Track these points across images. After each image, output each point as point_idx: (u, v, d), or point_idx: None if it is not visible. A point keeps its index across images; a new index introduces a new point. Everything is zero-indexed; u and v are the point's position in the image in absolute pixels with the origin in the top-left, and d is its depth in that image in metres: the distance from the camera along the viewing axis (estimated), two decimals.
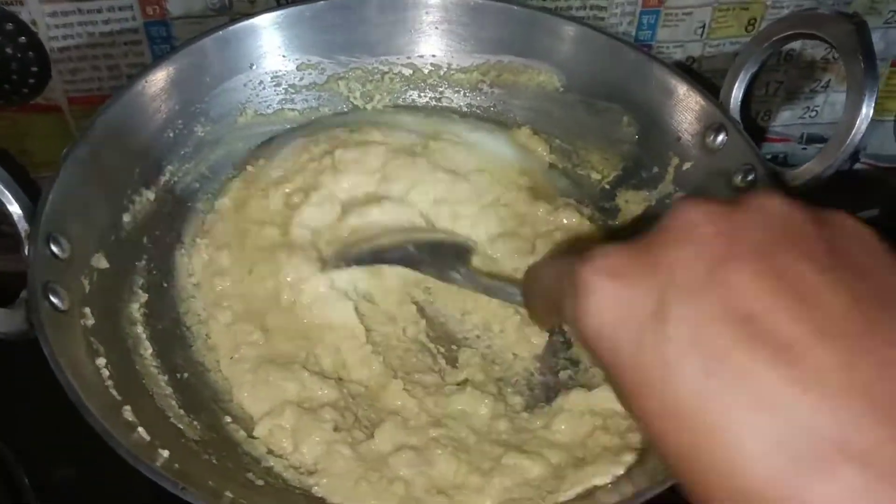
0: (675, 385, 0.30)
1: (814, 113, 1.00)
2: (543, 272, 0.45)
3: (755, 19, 0.90)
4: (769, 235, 0.32)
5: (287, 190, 0.76)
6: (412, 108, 0.85)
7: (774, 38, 0.70)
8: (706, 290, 0.31)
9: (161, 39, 0.83)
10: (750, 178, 0.69)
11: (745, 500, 0.29)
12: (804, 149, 1.04)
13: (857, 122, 0.63)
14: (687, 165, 0.75)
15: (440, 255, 0.70)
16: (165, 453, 0.54)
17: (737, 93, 0.73)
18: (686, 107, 0.74)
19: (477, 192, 0.77)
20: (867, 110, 0.63)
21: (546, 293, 0.43)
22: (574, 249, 0.39)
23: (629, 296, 0.33)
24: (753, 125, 0.98)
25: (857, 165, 1.03)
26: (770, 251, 0.31)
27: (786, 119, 1.01)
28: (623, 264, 0.34)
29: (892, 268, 0.32)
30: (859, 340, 0.29)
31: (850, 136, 0.63)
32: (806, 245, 0.32)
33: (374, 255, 0.71)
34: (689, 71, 0.92)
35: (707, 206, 0.33)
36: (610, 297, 0.33)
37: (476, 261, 0.72)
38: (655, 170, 0.78)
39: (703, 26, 0.90)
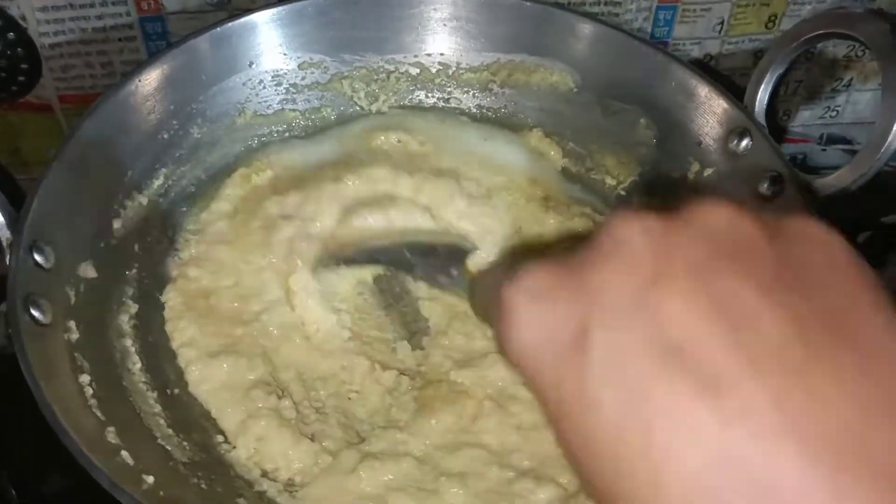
0: (595, 417, 0.29)
1: (835, 113, 0.98)
2: (482, 282, 0.44)
3: (776, 16, 0.88)
4: (709, 252, 0.29)
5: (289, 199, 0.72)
6: (421, 111, 0.81)
7: (803, 38, 0.66)
8: (632, 314, 0.29)
9: (156, 35, 0.80)
10: (776, 186, 0.65)
11: None
12: (824, 150, 1.01)
13: (895, 128, 0.59)
14: (708, 171, 0.71)
15: (433, 259, 0.69)
16: (150, 479, 0.51)
17: (762, 95, 0.69)
18: (708, 109, 0.71)
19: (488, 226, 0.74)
20: None
21: (482, 305, 0.43)
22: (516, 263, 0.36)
23: (552, 319, 0.31)
24: (777, 127, 0.95)
25: None
26: (708, 270, 0.29)
27: (805, 119, 0.98)
28: (548, 285, 0.32)
29: (853, 283, 0.29)
30: (796, 374, 0.26)
31: (887, 143, 0.60)
32: (751, 262, 0.29)
33: (367, 256, 0.70)
34: (707, 69, 0.89)
35: (643, 220, 0.30)
36: (532, 321, 0.32)
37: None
38: (675, 175, 0.74)
39: (722, 23, 0.87)
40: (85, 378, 0.56)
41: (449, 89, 0.82)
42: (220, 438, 0.61)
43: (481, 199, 0.74)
